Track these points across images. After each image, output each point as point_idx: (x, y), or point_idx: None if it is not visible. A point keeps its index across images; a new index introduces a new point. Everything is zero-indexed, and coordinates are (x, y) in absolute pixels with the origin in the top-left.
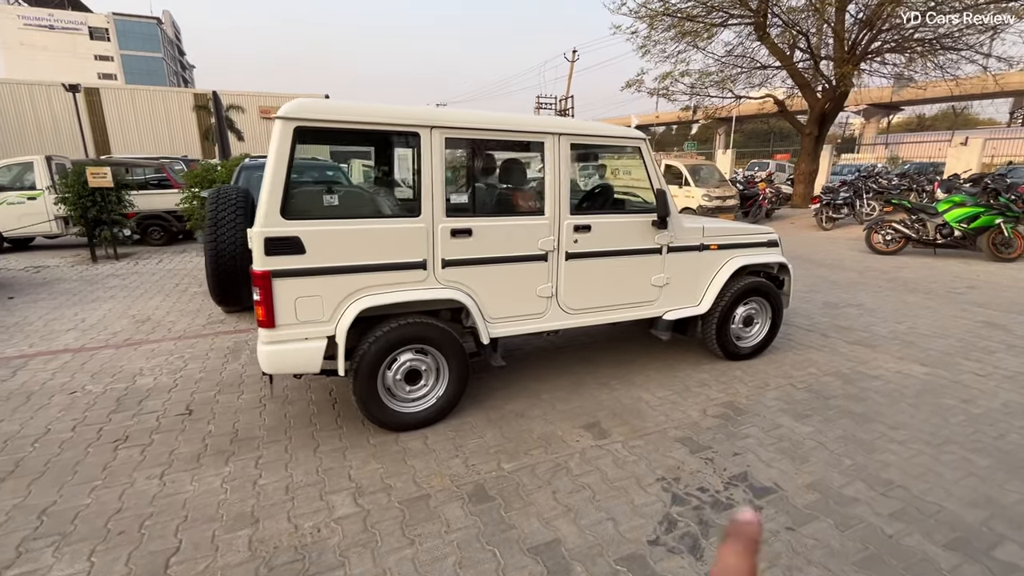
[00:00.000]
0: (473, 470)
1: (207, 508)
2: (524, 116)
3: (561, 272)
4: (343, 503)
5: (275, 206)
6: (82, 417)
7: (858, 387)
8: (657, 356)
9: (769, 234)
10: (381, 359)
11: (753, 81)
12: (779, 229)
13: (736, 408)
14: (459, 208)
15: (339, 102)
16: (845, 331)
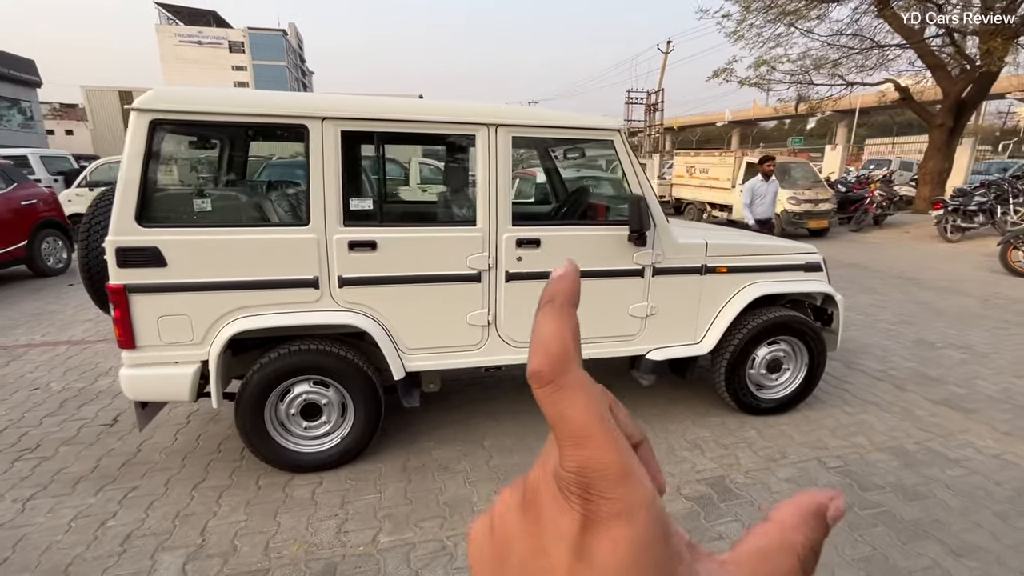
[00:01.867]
0: (340, 540)
1: (33, 551)
2: (447, 103)
3: (500, 296)
4: (169, 567)
5: (129, 212)
6: (19, 417)
7: (921, 475)
8: (652, 399)
9: (808, 254)
10: (268, 389)
11: (867, 64)
12: (889, 238)
13: (724, 489)
14: (362, 216)
15: (206, 89)
16: (932, 384)
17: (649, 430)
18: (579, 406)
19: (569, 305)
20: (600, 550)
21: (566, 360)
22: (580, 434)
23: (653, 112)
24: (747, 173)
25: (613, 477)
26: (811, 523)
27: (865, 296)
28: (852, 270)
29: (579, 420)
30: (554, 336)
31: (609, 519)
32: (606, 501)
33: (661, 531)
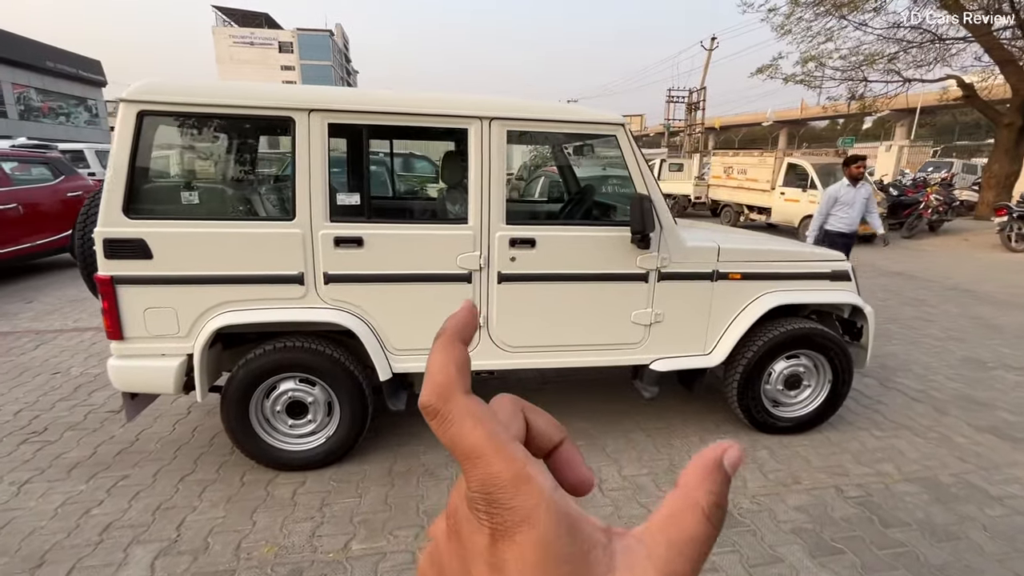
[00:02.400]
0: (311, 545)
1: (17, 536)
2: (440, 95)
3: (492, 298)
4: (139, 562)
5: (116, 203)
6: (35, 400)
7: (955, 513)
8: (659, 412)
9: (834, 261)
10: (254, 385)
11: (926, 59)
12: (945, 246)
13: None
14: (349, 211)
15: (195, 81)
16: (979, 409)
17: (651, 445)
18: (467, 429)
19: (456, 339)
20: (510, 558)
21: (450, 391)
22: (472, 454)
23: (694, 111)
24: (787, 174)
25: (509, 486)
26: (712, 477)
27: (911, 308)
28: (898, 279)
29: (468, 442)
30: (438, 369)
31: (513, 527)
32: (507, 511)
33: (564, 525)
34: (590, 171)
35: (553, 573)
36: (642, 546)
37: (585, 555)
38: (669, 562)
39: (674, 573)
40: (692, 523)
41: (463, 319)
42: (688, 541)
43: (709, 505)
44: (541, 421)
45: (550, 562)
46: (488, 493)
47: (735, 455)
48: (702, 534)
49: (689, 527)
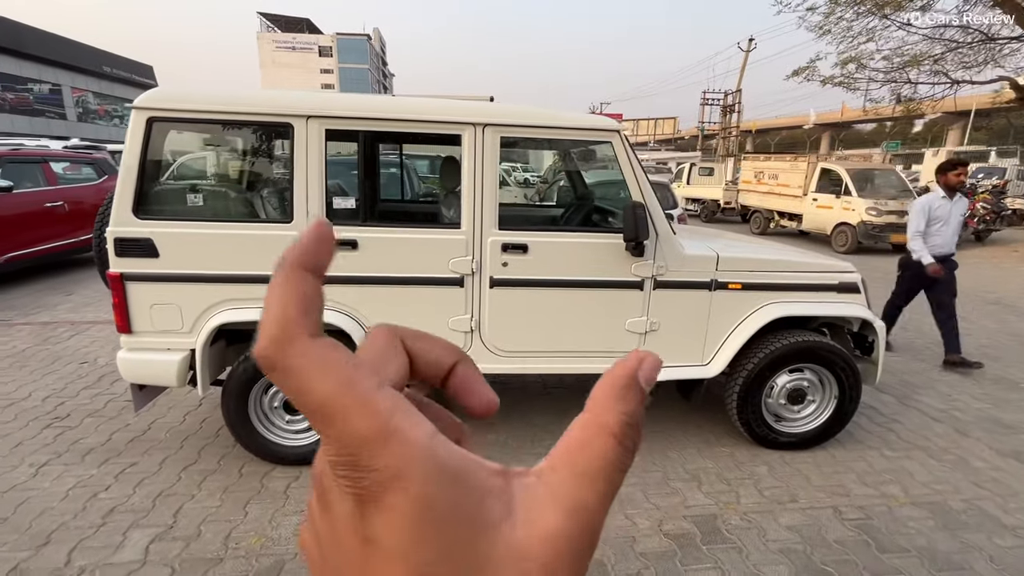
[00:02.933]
0: (296, 538)
1: (27, 514)
2: (435, 101)
3: (484, 302)
4: (135, 544)
5: (127, 204)
6: (62, 387)
7: (960, 540)
8: (659, 422)
9: (844, 273)
10: (252, 381)
11: (975, 60)
12: (991, 257)
13: (712, 529)
14: (345, 214)
15: (201, 89)
16: (1004, 432)
17: (648, 456)
18: (314, 380)
19: (299, 268)
20: (381, 525)
21: (290, 335)
22: (323, 410)
23: (729, 114)
24: (820, 180)
25: (373, 443)
26: (624, 396)
27: None
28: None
29: (317, 396)
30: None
31: (381, 491)
32: (373, 472)
33: (446, 478)
34: (605, 176)
35: (437, 536)
36: (543, 482)
37: (477, 506)
38: (574, 495)
39: (581, 506)
40: (601, 449)
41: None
42: (597, 470)
43: (620, 426)
44: (426, 345)
45: (430, 523)
46: (349, 455)
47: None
48: (613, 459)
49: (598, 453)
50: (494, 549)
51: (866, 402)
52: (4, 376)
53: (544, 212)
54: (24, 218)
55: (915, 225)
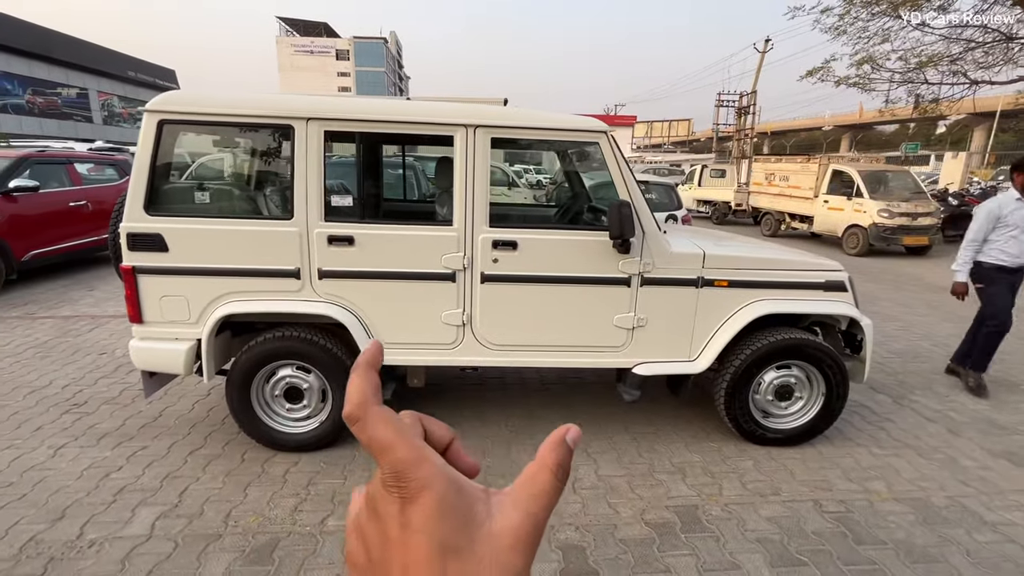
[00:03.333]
0: (292, 518)
1: (47, 492)
2: (429, 104)
3: (475, 297)
4: (143, 521)
5: (138, 201)
6: (82, 376)
7: (939, 535)
8: (648, 417)
9: (830, 272)
10: (254, 370)
11: (994, 60)
12: None
13: (692, 519)
14: (343, 212)
15: (207, 93)
16: (997, 433)
17: (635, 449)
18: (380, 429)
19: (369, 367)
20: (415, 515)
21: (366, 404)
22: (385, 446)
23: (744, 116)
24: (831, 181)
25: (412, 464)
26: (557, 449)
27: (950, 326)
28: (944, 295)
29: (381, 437)
30: (357, 390)
31: (417, 493)
32: (411, 481)
33: (453, 488)
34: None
35: (448, 520)
36: (509, 497)
37: (470, 507)
38: (527, 505)
39: (530, 512)
40: (543, 479)
41: (373, 353)
42: (540, 492)
43: (555, 465)
44: (434, 427)
45: (445, 513)
46: (397, 472)
47: (574, 434)
48: (550, 486)
49: (541, 482)
50: (479, 532)
51: (860, 401)
52: (28, 366)
53: (535, 211)
54: (49, 217)
55: (973, 231)
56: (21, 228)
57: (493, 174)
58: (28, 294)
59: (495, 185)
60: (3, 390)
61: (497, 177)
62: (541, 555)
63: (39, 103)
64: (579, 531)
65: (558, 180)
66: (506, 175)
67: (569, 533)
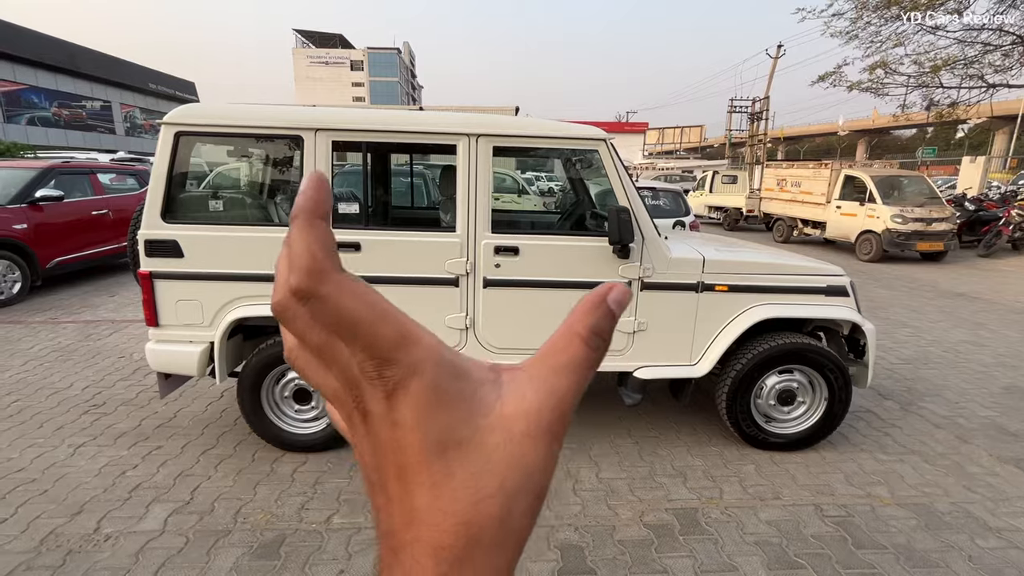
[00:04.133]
0: (299, 516)
1: (66, 488)
2: (432, 114)
3: (478, 302)
4: (156, 516)
5: (156, 209)
6: (100, 379)
7: (941, 540)
8: (652, 421)
9: (831, 276)
10: (264, 372)
11: (1009, 63)
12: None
13: (692, 522)
14: (349, 218)
15: (221, 105)
16: (1007, 440)
17: (636, 452)
18: (346, 302)
19: (312, 217)
20: (404, 407)
21: (320, 270)
22: (355, 323)
23: (756, 121)
24: (844, 187)
25: (393, 344)
26: (593, 312)
27: (962, 331)
28: (957, 301)
29: (349, 313)
30: (303, 251)
31: (405, 380)
32: (396, 366)
33: (450, 371)
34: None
35: (444, 411)
36: (526, 373)
37: (474, 392)
38: (550, 381)
39: (554, 390)
40: (571, 349)
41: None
42: (567, 364)
43: (588, 332)
44: None
45: (441, 403)
46: (376, 356)
47: (620, 292)
48: (580, 357)
49: (568, 352)
50: (487, 420)
51: (866, 407)
52: (50, 368)
53: (537, 217)
54: (73, 225)
55: None
56: (46, 236)
57: (503, 182)
58: (52, 300)
59: (505, 193)
60: (27, 391)
61: (507, 185)
62: (538, 554)
63: (65, 115)
64: (578, 532)
65: (567, 187)
66: (516, 183)
67: (568, 533)
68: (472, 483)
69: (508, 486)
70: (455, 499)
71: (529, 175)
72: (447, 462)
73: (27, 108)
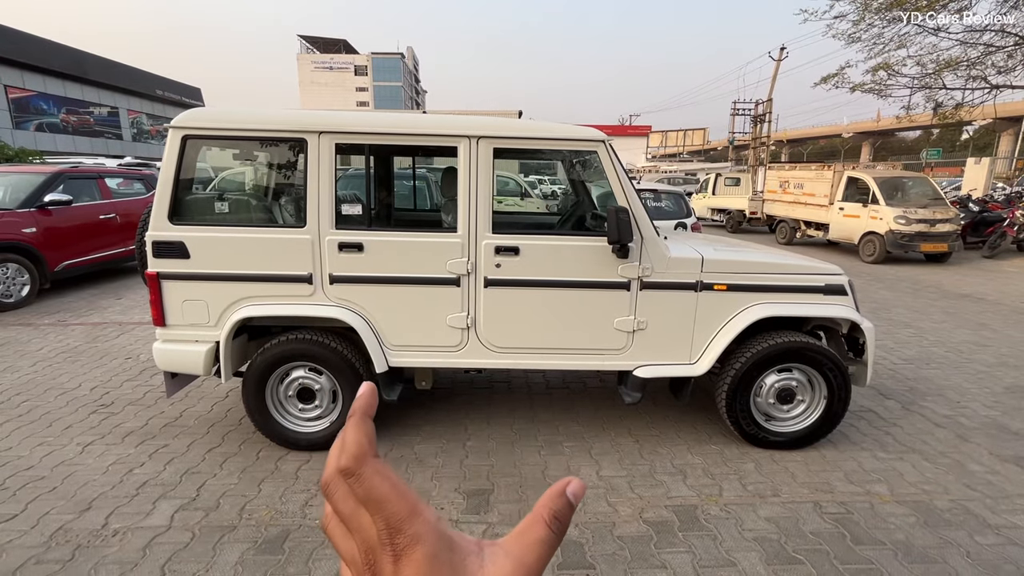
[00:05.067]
0: (302, 512)
1: (75, 485)
2: (433, 117)
3: (479, 301)
4: (163, 512)
5: (163, 211)
6: (108, 379)
7: (940, 537)
8: (653, 420)
9: (829, 275)
10: (269, 371)
11: (1012, 64)
12: None
13: (691, 519)
14: (352, 220)
15: (227, 109)
16: (1008, 438)
17: (637, 451)
18: (376, 483)
19: (365, 416)
20: (407, 570)
21: (363, 457)
22: (381, 499)
23: (760, 124)
24: (847, 188)
25: (406, 518)
26: (554, 500)
27: (966, 332)
28: (962, 302)
29: (378, 491)
30: (353, 441)
31: (410, 547)
32: (404, 535)
33: (445, 542)
34: None
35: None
36: (502, 549)
37: (463, 560)
38: (521, 556)
39: (523, 562)
40: (537, 530)
41: (367, 401)
42: (534, 542)
43: (549, 517)
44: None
45: (436, 568)
46: (391, 526)
47: (576, 487)
48: (544, 537)
49: (534, 533)
50: None
51: (867, 406)
52: (59, 369)
53: (537, 217)
54: (81, 229)
55: None
56: (55, 240)
57: (506, 185)
58: (60, 302)
59: (509, 195)
60: (36, 391)
61: (510, 188)
62: None
63: (73, 122)
64: (578, 528)
65: (568, 189)
66: (519, 186)
67: (568, 530)
68: None
69: None
70: None
71: (532, 179)
72: None
73: (36, 114)
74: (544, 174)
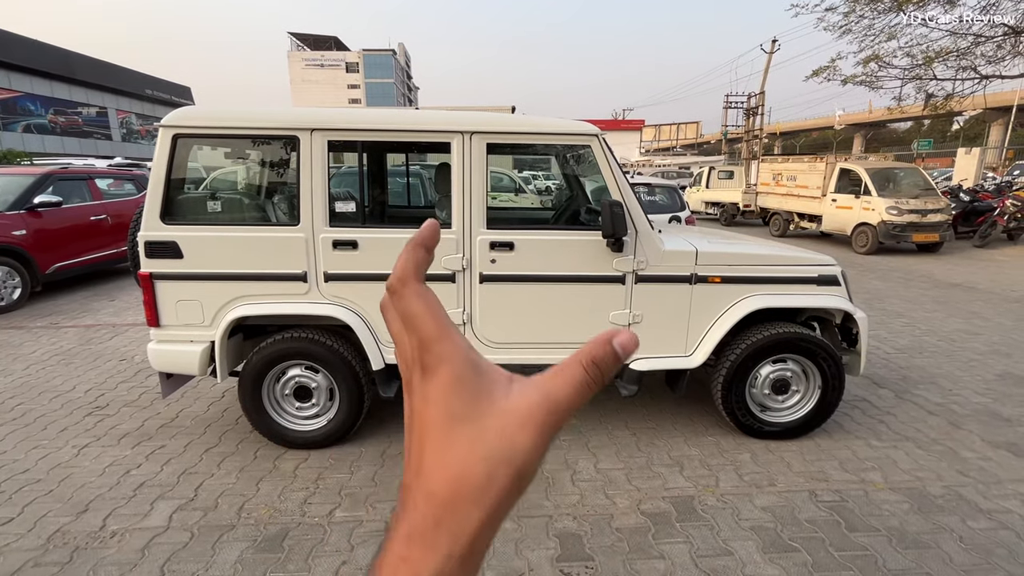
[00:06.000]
0: (301, 510)
1: (72, 487)
2: (426, 113)
3: (474, 297)
4: (161, 513)
5: (155, 211)
6: (103, 381)
7: (933, 522)
8: (649, 413)
9: (823, 266)
10: (265, 370)
11: (1000, 54)
12: (1022, 256)
13: (688, 509)
14: (346, 217)
15: (218, 108)
16: (1000, 425)
17: (634, 443)
18: (414, 302)
19: (419, 246)
20: (432, 386)
21: (406, 278)
22: (415, 318)
23: (752, 117)
24: (839, 180)
25: (436, 337)
26: (599, 347)
27: (958, 321)
28: (953, 291)
29: (413, 309)
30: (401, 264)
31: (437, 365)
32: (432, 354)
33: (472, 366)
34: None
35: (459, 395)
36: (532, 382)
37: (488, 386)
38: (550, 388)
39: (549, 395)
40: (573, 371)
41: (428, 231)
42: (567, 382)
43: (587, 362)
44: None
45: (459, 388)
46: (422, 343)
47: (624, 339)
48: (579, 379)
49: (569, 373)
50: (491, 408)
51: (861, 395)
52: (53, 372)
53: (532, 213)
54: (72, 230)
55: None
56: (45, 242)
57: (500, 181)
58: (52, 305)
59: (503, 191)
60: (31, 395)
61: (504, 184)
62: (538, 541)
63: (61, 122)
64: (576, 520)
65: (563, 185)
66: (514, 182)
67: (567, 522)
68: (467, 450)
69: (494, 457)
70: (452, 459)
71: (526, 174)
72: (453, 432)
73: (23, 115)
74: (538, 170)
